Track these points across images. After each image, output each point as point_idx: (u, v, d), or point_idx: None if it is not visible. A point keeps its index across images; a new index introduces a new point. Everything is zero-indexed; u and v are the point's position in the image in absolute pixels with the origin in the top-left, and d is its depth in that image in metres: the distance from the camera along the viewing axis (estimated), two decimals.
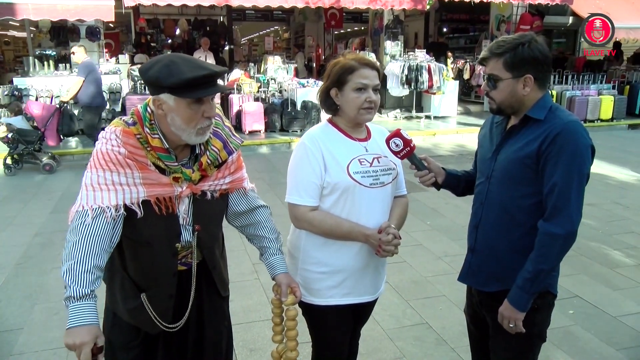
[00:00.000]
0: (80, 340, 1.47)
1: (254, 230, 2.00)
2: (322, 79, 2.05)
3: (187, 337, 1.90)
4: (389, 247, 1.88)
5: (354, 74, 1.91)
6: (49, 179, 7.43)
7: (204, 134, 1.67)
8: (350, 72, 1.91)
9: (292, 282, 1.93)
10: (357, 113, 1.93)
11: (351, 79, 1.91)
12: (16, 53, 17.36)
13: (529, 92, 1.81)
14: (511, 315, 1.84)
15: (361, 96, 1.91)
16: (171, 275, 1.79)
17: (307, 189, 1.93)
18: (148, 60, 1.68)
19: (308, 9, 15.52)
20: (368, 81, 1.91)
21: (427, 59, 11.45)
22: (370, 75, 1.92)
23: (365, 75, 1.91)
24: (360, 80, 1.90)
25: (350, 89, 1.91)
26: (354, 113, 1.93)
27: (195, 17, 16.66)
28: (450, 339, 3.29)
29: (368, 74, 1.91)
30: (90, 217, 1.59)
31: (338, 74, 1.93)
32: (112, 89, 10.10)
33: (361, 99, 1.91)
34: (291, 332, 1.96)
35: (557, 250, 1.77)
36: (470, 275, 2.05)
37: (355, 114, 1.93)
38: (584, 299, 3.84)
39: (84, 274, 1.55)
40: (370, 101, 1.91)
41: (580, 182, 1.74)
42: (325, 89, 1.98)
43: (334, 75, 1.95)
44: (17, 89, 9.72)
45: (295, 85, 10.70)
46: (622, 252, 4.74)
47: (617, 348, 3.20)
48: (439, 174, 2.07)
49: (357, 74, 1.90)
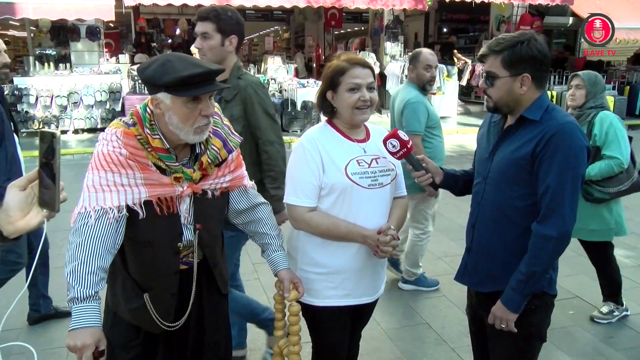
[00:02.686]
0: (82, 343, 1.48)
1: (255, 228, 2.01)
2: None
3: (188, 335, 1.91)
4: (387, 247, 1.88)
5: (345, 75, 1.91)
6: None
7: (202, 132, 1.67)
8: (341, 73, 1.91)
9: (295, 277, 1.94)
10: (352, 113, 1.92)
11: (343, 80, 1.91)
12: (16, 53, 17.34)
13: (525, 91, 1.81)
14: (503, 316, 1.84)
15: (354, 95, 1.90)
16: (173, 275, 1.80)
17: (304, 189, 1.93)
18: (146, 60, 1.68)
19: (308, 9, 15.53)
20: (360, 80, 1.91)
21: None
22: (362, 74, 1.92)
23: (356, 74, 1.91)
24: (351, 80, 1.90)
25: (344, 89, 1.91)
26: (348, 113, 1.93)
27: (195, 17, 16.65)
28: (450, 339, 3.29)
29: (359, 73, 1.91)
30: (93, 218, 1.60)
31: (331, 76, 1.94)
32: (112, 88, 10.10)
33: (354, 98, 1.90)
34: (294, 327, 1.97)
35: (550, 252, 1.77)
36: (466, 275, 2.06)
37: (350, 114, 1.93)
38: (584, 299, 3.84)
39: (88, 275, 1.55)
40: (365, 100, 1.91)
41: (574, 184, 1.74)
42: (322, 93, 1.99)
43: (327, 78, 1.95)
44: (17, 88, 9.72)
45: (295, 85, 10.70)
46: (622, 252, 4.73)
47: (617, 348, 3.20)
48: (437, 174, 2.07)
49: (348, 74, 1.91)
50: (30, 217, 1.09)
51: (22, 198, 1.08)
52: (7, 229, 1.07)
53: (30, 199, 1.09)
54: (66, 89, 9.84)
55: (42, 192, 1.08)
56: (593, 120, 3.19)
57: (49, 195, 1.07)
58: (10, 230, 1.08)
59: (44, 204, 1.08)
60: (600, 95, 3.28)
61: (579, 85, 3.28)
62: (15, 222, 1.08)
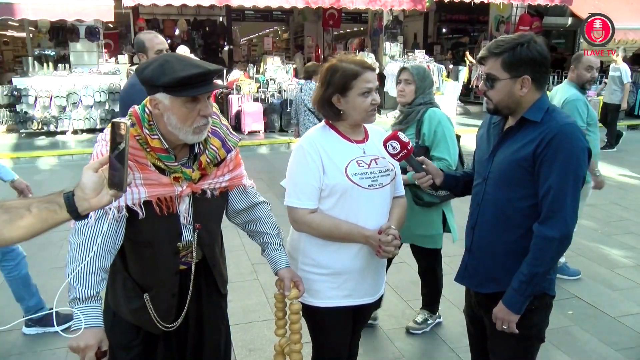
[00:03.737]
0: (84, 344, 1.48)
1: (255, 227, 2.02)
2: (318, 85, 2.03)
3: (187, 335, 1.91)
4: (389, 247, 1.89)
5: (358, 79, 1.92)
6: (48, 179, 7.42)
7: (201, 132, 1.67)
8: (354, 77, 1.92)
9: (295, 276, 1.94)
10: (366, 116, 1.95)
11: (356, 84, 1.92)
12: (15, 53, 17.32)
13: (526, 93, 1.81)
14: (505, 317, 1.84)
15: (367, 100, 1.92)
16: (173, 274, 1.80)
17: (305, 191, 1.93)
18: (145, 60, 1.68)
19: (307, 10, 15.52)
20: (372, 84, 1.94)
21: (427, 59, 11.45)
22: (372, 78, 1.95)
23: (369, 79, 1.93)
24: (365, 84, 1.92)
25: (356, 94, 1.92)
26: (362, 116, 1.95)
27: (194, 18, 16.64)
28: (450, 339, 3.29)
29: (371, 78, 1.94)
30: (93, 218, 1.60)
31: (342, 80, 1.92)
32: (111, 89, 10.09)
33: (367, 102, 1.93)
34: (295, 326, 1.97)
35: (552, 253, 1.77)
36: (466, 276, 2.06)
37: (364, 117, 1.96)
38: (583, 299, 3.84)
39: (89, 275, 1.56)
40: (375, 103, 1.95)
41: (575, 185, 1.74)
42: (328, 97, 1.96)
43: (337, 82, 1.93)
44: (16, 89, 9.72)
45: (295, 86, 10.70)
46: (621, 252, 4.74)
47: (616, 349, 3.20)
48: (437, 175, 2.06)
49: (362, 78, 1.92)
50: (101, 196, 1.24)
51: (95, 179, 1.24)
52: (82, 204, 1.23)
53: (102, 180, 1.25)
54: (65, 90, 9.83)
55: (112, 175, 1.24)
56: (422, 118, 2.97)
57: (118, 178, 1.23)
58: (84, 206, 1.23)
59: (113, 185, 1.24)
60: (429, 90, 3.06)
61: (408, 80, 3.01)
62: (90, 199, 1.23)
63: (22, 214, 1.21)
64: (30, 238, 1.24)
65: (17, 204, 1.23)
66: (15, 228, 1.21)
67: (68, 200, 1.22)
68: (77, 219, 1.25)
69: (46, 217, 1.21)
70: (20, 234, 1.22)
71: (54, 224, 1.24)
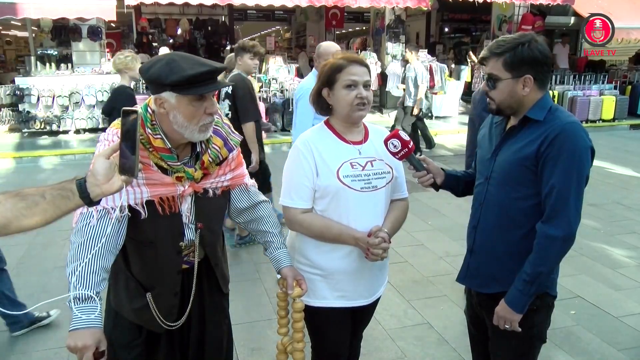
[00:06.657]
0: (82, 344, 1.47)
1: (258, 226, 2.02)
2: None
3: (189, 334, 1.91)
4: (377, 250, 1.87)
5: (342, 72, 1.91)
6: (50, 178, 7.44)
7: (207, 130, 1.68)
8: (339, 70, 1.92)
9: (298, 274, 1.94)
10: (350, 110, 1.92)
11: (340, 77, 1.91)
12: (18, 53, 17.34)
13: (528, 93, 1.80)
14: (507, 316, 1.84)
15: (351, 93, 1.90)
16: (175, 274, 1.80)
17: (298, 191, 1.93)
18: (148, 60, 1.68)
19: (309, 9, 15.51)
20: (357, 77, 1.91)
21: (429, 59, 11.43)
22: (360, 71, 1.92)
23: (354, 72, 1.91)
24: (349, 77, 1.90)
25: (341, 86, 1.91)
26: (346, 110, 1.93)
27: (196, 17, 16.68)
28: (452, 339, 3.29)
29: (357, 71, 1.92)
30: (95, 218, 1.60)
31: (328, 73, 1.94)
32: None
33: (351, 96, 1.90)
34: (298, 324, 1.97)
35: (555, 252, 1.76)
36: (468, 276, 2.05)
37: (348, 111, 1.93)
38: (586, 299, 3.83)
39: (90, 275, 1.55)
40: (362, 97, 1.91)
41: (579, 184, 1.73)
42: (317, 90, 1.99)
43: (324, 75, 1.96)
44: (19, 88, 9.73)
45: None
46: (624, 252, 4.73)
47: (618, 348, 3.19)
48: (438, 175, 2.06)
49: (346, 71, 1.91)
50: (113, 182, 1.28)
51: (107, 165, 1.27)
52: (94, 190, 1.26)
53: (113, 167, 1.29)
54: (68, 89, 9.83)
55: (123, 162, 1.28)
56: None
57: (129, 164, 1.28)
58: (96, 192, 1.27)
59: (124, 171, 1.28)
60: None
61: None
62: (102, 185, 1.27)
63: (37, 201, 1.23)
64: (44, 225, 1.27)
65: (32, 192, 1.26)
66: (31, 214, 1.23)
67: (80, 187, 1.25)
68: (89, 205, 1.28)
69: (59, 203, 1.25)
70: (36, 220, 1.24)
71: (67, 211, 1.26)
